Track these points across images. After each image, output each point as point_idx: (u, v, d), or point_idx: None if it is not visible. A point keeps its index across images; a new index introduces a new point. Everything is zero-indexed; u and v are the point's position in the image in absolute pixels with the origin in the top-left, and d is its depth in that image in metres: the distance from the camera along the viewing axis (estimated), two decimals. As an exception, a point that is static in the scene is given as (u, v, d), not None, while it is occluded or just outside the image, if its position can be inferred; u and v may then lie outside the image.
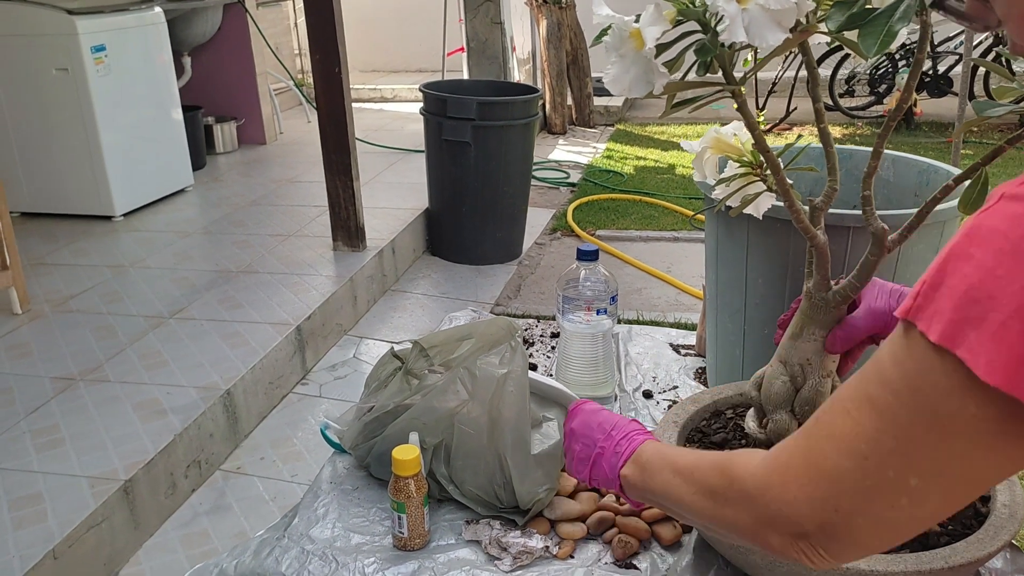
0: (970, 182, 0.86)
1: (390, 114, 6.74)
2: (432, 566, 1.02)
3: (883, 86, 6.64)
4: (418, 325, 3.46)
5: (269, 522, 1.20)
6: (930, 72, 6.39)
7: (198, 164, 4.81)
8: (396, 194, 4.48)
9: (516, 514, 1.09)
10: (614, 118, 7.17)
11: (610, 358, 1.34)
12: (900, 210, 1.05)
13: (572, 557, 1.04)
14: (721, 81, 0.84)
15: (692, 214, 4.61)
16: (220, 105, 5.44)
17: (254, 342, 2.83)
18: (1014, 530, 0.89)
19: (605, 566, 1.02)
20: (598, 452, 0.93)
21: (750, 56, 0.97)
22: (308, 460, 2.53)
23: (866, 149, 1.35)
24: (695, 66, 0.83)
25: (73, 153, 3.95)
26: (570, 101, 6.74)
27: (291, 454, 2.57)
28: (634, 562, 1.03)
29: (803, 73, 5.54)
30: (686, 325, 3.32)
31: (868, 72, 6.63)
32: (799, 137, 6.17)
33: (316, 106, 3.55)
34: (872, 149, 0.90)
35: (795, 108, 6.39)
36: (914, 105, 6.29)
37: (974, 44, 5.99)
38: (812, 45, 0.89)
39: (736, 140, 1.02)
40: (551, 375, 1.41)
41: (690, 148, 1.08)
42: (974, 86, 6.24)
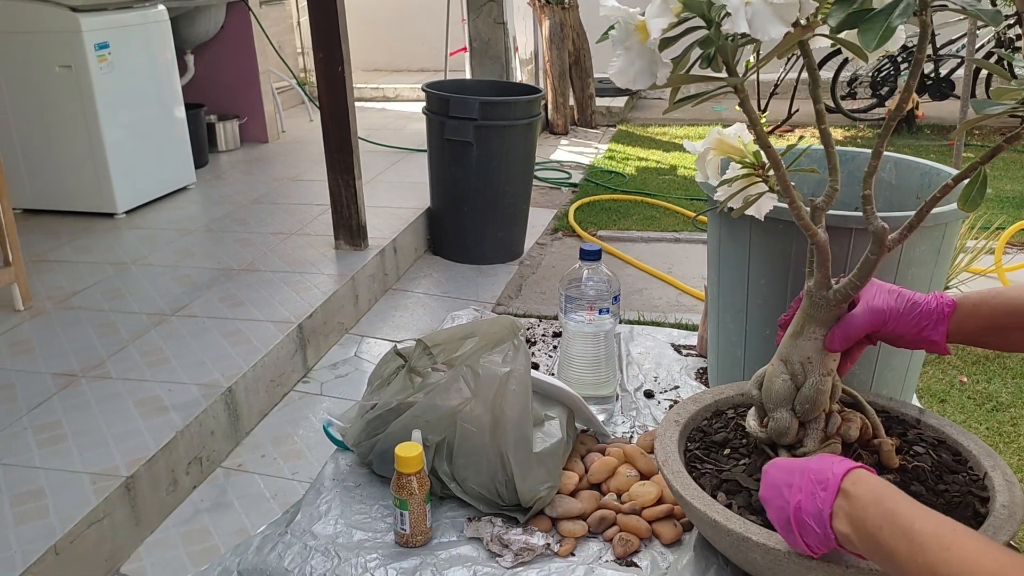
0: (968, 180, 0.87)
1: (392, 113, 6.75)
2: (434, 563, 1.03)
3: (885, 88, 6.65)
4: (419, 324, 3.47)
5: (270, 519, 1.20)
6: (932, 75, 6.39)
7: (200, 162, 4.82)
8: (398, 193, 4.48)
9: (518, 512, 1.10)
10: (616, 119, 7.18)
11: (612, 358, 1.35)
12: (902, 212, 1.05)
13: (573, 555, 1.05)
14: (724, 77, 0.85)
15: (694, 215, 4.62)
16: (223, 103, 5.45)
17: (256, 340, 2.84)
18: (1013, 531, 0.89)
19: (606, 564, 1.03)
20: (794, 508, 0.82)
21: (752, 57, 0.97)
22: (309, 458, 2.54)
23: (868, 151, 1.35)
24: (699, 60, 0.83)
25: (76, 150, 3.96)
26: (572, 101, 6.74)
27: (292, 452, 2.57)
28: (635, 560, 1.03)
29: (805, 75, 5.55)
30: (687, 326, 3.32)
31: (870, 74, 6.64)
32: (801, 139, 6.17)
33: (319, 105, 3.56)
34: (873, 149, 0.91)
35: (797, 110, 6.40)
36: (916, 108, 6.29)
37: (976, 47, 6.00)
38: (814, 48, 0.89)
39: (739, 141, 1.02)
40: (553, 374, 1.42)
41: (693, 149, 1.09)
42: (976, 89, 6.25)
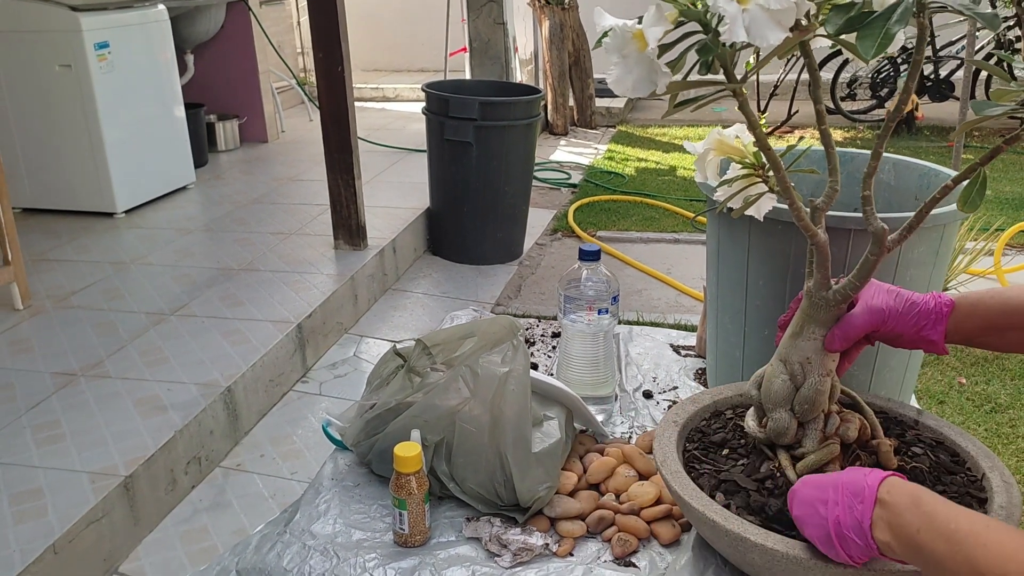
0: (968, 181, 0.87)
1: (392, 113, 6.75)
2: (432, 562, 1.03)
3: (885, 90, 6.65)
4: (418, 324, 3.47)
5: (268, 519, 1.20)
6: (931, 76, 6.40)
7: (200, 162, 4.82)
8: (397, 193, 4.48)
9: (516, 512, 1.10)
10: (616, 119, 7.18)
11: (611, 358, 1.35)
12: (901, 213, 1.05)
13: (571, 555, 1.05)
14: (723, 80, 0.85)
15: (693, 216, 4.62)
16: (222, 103, 5.45)
17: (255, 340, 2.84)
18: (1011, 531, 0.89)
19: (604, 564, 1.03)
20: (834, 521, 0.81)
21: (752, 59, 0.97)
22: (308, 458, 2.54)
23: (867, 152, 1.35)
24: (697, 66, 0.83)
25: (75, 150, 3.96)
26: (572, 102, 6.74)
27: (291, 452, 2.58)
28: (633, 560, 1.04)
29: (805, 76, 5.55)
30: (686, 326, 3.33)
31: (870, 76, 6.64)
32: (800, 139, 6.18)
33: (318, 105, 3.56)
34: (873, 150, 0.91)
35: (796, 111, 6.40)
36: (915, 109, 6.30)
37: (976, 48, 6.01)
38: (814, 49, 0.89)
39: (738, 142, 1.02)
40: (552, 374, 1.42)
41: (693, 149, 1.09)
42: (976, 90, 6.25)
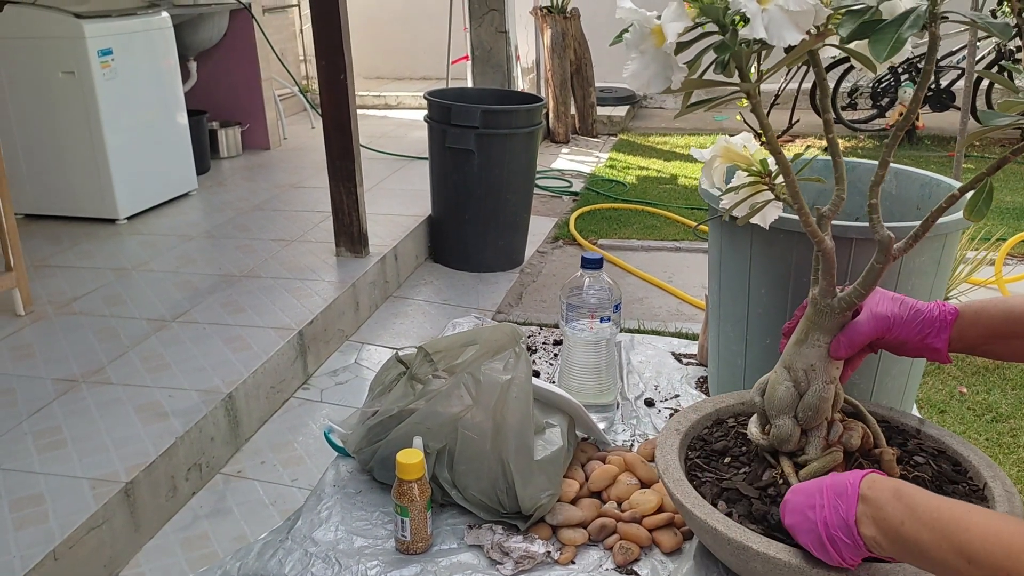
0: (975, 191, 0.88)
1: (394, 121, 6.77)
2: (434, 570, 1.03)
3: (885, 99, 6.67)
4: (419, 332, 3.47)
5: (269, 526, 1.20)
6: (932, 86, 6.41)
7: (202, 168, 4.83)
8: (399, 201, 4.49)
9: (518, 519, 1.10)
10: (617, 128, 7.19)
11: (613, 366, 1.35)
12: (902, 223, 1.06)
13: (573, 563, 1.05)
14: (737, 82, 0.86)
15: (695, 224, 4.63)
16: (225, 110, 5.47)
17: (256, 346, 2.84)
18: (1013, 541, 0.89)
19: (606, 572, 1.03)
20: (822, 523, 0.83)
21: (754, 68, 0.98)
22: (309, 465, 2.54)
23: (869, 162, 1.36)
24: (712, 66, 0.84)
25: (78, 156, 3.97)
26: (573, 110, 6.76)
27: (292, 458, 2.57)
28: (635, 568, 1.03)
29: (805, 86, 5.56)
30: (687, 335, 3.35)
31: (871, 85, 6.65)
32: (807, 147, 6.19)
33: (321, 112, 3.57)
34: (880, 159, 0.91)
35: (798, 120, 6.41)
36: (916, 119, 6.31)
37: (977, 59, 6.02)
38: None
39: (745, 151, 1.03)
40: (554, 382, 1.42)
41: (700, 156, 1.09)
42: (976, 100, 6.26)
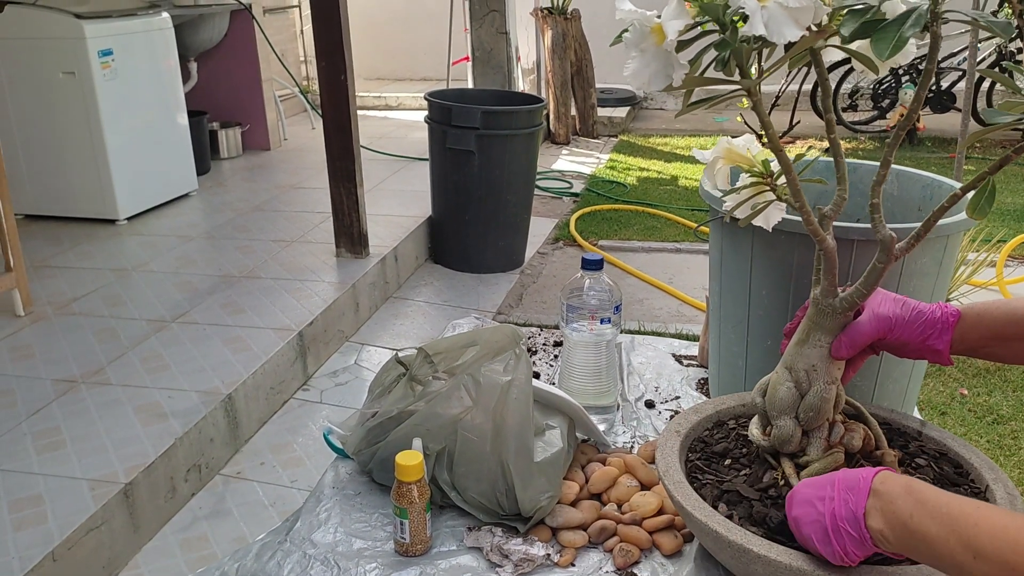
0: (977, 190, 0.87)
1: (395, 122, 6.77)
2: (434, 572, 1.02)
3: (886, 101, 6.67)
4: (419, 332, 3.47)
5: (268, 527, 1.20)
6: (933, 88, 6.41)
7: (202, 169, 4.83)
8: (399, 202, 4.49)
9: (518, 521, 1.09)
10: (617, 129, 7.19)
11: (613, 367, 1.35)
12: (903, 224, 1.05)
13: (573, 565, 1.05)
14: (738, 80, 0.85)
15: (696, 226, 4.62)
16: (225, 110, 5.47)
17: (256, 347, 2.84)
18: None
19: (606, 574, 1.02)
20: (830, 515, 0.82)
21: (754, 68, 0.98)
22: (308, 466, 2.53)
23: (870, 163, 1.36)
24: (712, 64, 0.84)
25: (78, 156, 3.96)
26: (574, 111, 6.76)
27: (291, 460, 2.57)
28: (635, 571, 1.03)
29: (806, 87, 5.56)
30: (688, 336, 3.35)
31: (871, 87, 6.65)
32: (810, 148, 6.19)
33: (321, 113, 3.56)
34: (882, 159, 0.91)
35: (799, 121, 6.41)
36: (917, 120, 6.31)
37: (978, 60, 6.02)
38: (820, 59, 0.90)
39: (748, 152, 1.02)
40: (554, 384, 1.42)
41: (702, 157, 1.09)
42: (977, 102, 6.26)
